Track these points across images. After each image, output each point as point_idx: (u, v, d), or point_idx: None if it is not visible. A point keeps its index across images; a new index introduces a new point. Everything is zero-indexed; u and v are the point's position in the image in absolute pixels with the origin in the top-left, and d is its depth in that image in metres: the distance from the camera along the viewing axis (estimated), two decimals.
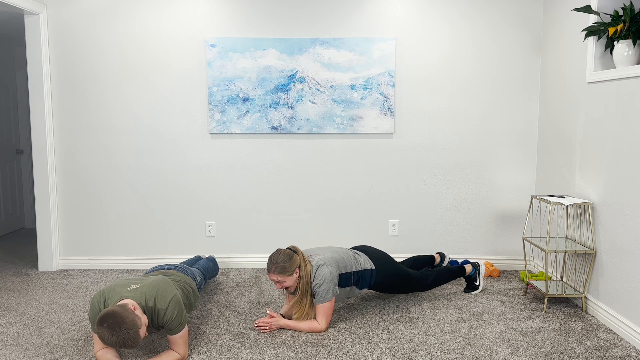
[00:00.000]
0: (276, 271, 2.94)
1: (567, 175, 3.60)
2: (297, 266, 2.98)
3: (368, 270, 3.19)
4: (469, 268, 3.63)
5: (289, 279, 2.96)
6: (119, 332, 2.29)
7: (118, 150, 4.20)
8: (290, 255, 2.99)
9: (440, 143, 4.16)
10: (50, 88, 4.14)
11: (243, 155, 4.20)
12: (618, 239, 3.01)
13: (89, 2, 4.09)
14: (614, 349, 2.79)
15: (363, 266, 3.18)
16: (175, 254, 4.28)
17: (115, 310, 2.35)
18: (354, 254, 3.21)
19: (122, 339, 2.30)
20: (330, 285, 2.97)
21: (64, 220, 4.27)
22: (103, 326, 2.31)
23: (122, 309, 2.37)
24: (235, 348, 2.81)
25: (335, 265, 3.03)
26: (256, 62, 4.07)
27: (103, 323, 2.31)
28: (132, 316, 2.35)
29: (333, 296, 3.01)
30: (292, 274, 2.96)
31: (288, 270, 2.94)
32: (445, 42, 4.07)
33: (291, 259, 2.97)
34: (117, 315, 2.32)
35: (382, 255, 3.32)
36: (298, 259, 3.00)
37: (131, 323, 2.33)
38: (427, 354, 2.74)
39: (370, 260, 3.23)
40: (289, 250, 3.04)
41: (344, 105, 4.10)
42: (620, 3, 3.16)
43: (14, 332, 3.04)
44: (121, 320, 2.31)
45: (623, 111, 2.96)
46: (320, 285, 2.96)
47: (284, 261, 2.95)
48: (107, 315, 2.32)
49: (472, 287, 3.65)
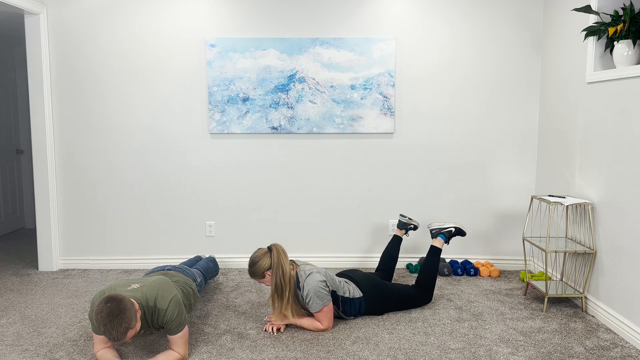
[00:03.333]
0: (251, 275, 3.03)
1: (567, 175, 3.60)
2: (265, 269, 2.97)
3: (357, 299, 3.16)
4: (439, 242, 3.45)
5: (262, 280, 3.02)
6: (114, 320, 2.28)
7: (118, 150, 4.20)
8: (260, 256, 3.00)
9: (440, 143, 4.16)
10: (50, 88, 4.14)
11: (243, 155, 4.20)
12: (618, 239, 3.01)
13: (89, 2, 4.09)
14: (614, 349, 2.79)
15: (352, 294, 3.15)
16: (175, 254, 4.28)
17: (124, 299, 2.35)
18: (344, 282, 3.17)
19: (112, 326, 2.29)
20: (320, 294, 2.95)
21: (64, 220, 4.28)
22: (105, 304, 2.31)
23: (129, 302, 2.37)
24: (235, 348, 2.81)
25: (323, 273, 3.02)
26: (256, 62, 4.07)
27: (107, 302, 2.31)
28: (132, 314, 2.36)
29: (328, 302, 2.98)
30: (263, 276, 3.00)
31: (258, 273, 2.99)
32: (445, 42, 4.07)
33: (259, 262, 2.98)
34: (122, 303, 2.33)
35: (369, 280, 3.26)
36: (266, 262, 2.98)
37: (128, 319, 2.33)
38: (427, 354, 2.74)
39: (358, 289, 3.19)
40: (264, 250, 3.03)
41: (344, 105, 4.10)
42: (620, 3, 3.16)
43: (14, 332, 3.04)
44: (123, 310, 2.31)
45: (623, 111, 2.96)
46: (308, 295, 2.95)
47: (253, 265, 3.00)
48: (114, 299, 2.33)
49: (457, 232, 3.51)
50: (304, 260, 4.17)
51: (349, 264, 4.27)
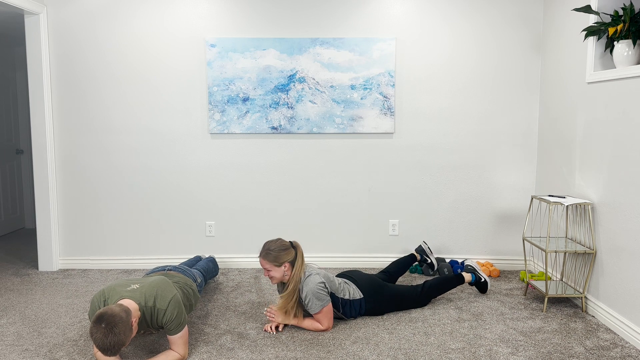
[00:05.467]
0: (266, 257, 2.92)
1: (567, 175, 3.60)
2: (288, 260, 2.94)
3: (357, 300, 3.16)
4: (468, 277, 3.55)
5: (276, 269, 2.94)
6: (105, 340, 2.24)
7: (118, 150, 4.20)
8: (286, 247, 2.96)
9: (440, 143, 4.16)
10: (50, 88, 4.14)
11: (243, 155, 4.20)
12: (618, 239, 3.01)
13: (89, 2, 4.09)
14: (614, 349, 2.79)
15: (352, 296, 3.14)
16: (175, 254, 4.28)
17: (116, 316, 2.29)
18: (344, 283, 3.16)
19: (106, 348, 2.26)
20: (319, 295, 2.95)
21: (64, 220, 4.28)
22: (99, 325, 2.25)
23: (123, 316, 2.32)
24: (235, 348, 2.81)
25: (322, 275, 3.02)
26: (256, 62, 4.07)
27: (100, 321, 2.26)
28: (126, 328, 2.31)
29: (327, 302, 2.98)
30: (280, 266, 2.93)
31: (278, 260, 2.92)
32: (445, 42, 4.07)
33: (285, 251, 2.94)
34: (114, 321, 2.27)
35: (370, 281, 3.26)
36: (292, 254, 2.96)
37: (122, 339, 2.28)
38: (427, 354, 2.74)
39: (358, 290, 3.19)
40: (288, 243, 3.01)
41: (344, 105, 4.10)
42: (620, 3, 3.16)
43: (14, 332, 3.04)
44: (116, 328, 2.26)
45: (623, 111, 2.96)
46: (307, 296, 2.95)
47: (277, 250, 2.93)
48: (106, 318, 2.28)
49: (482, 286, 3.60)
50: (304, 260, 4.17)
51: (349, 264, 4.27)
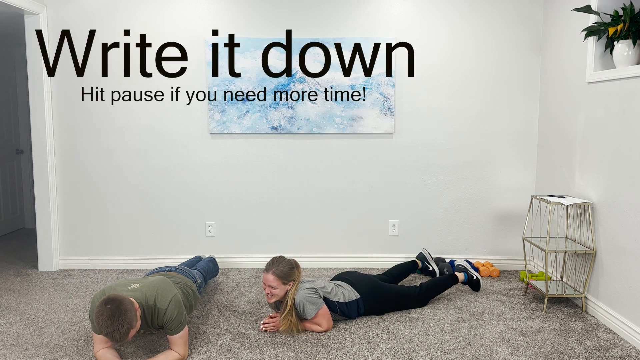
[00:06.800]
0: (276, 273, 2.90)
1: (567, 175, 3.60)
2: (293, 279, 2.97)
3: (354, 301, 3.15)
4: (460, 276, 3.62)
5: (281, 287, 2.93)
6: (115, 321, 2.28)
7: (118, 150, 4.20)
8: (293, 266, 2.99)
9: (440, 143, 4.16)
10: (50, 88, 4.14)
11: (243, 156, 4.20)
12: (618, 239, 3.01)
13: (89, 2, 4.09)
14: (614, 349, 2.79)
15: (347, 298, 3.13)
16: (175, 254, 4.28)
17: (124, 300, 2.36)
18: (336, 286, 3.14)
19: (114, 328, 2.29)
20: (311, 299, 2.95)
21: (64, 220, 4.27)
22: (105, 306, 2.31)
23: (129, 302, 2.38)
24: (235, 348, 2.81)
25: (308, 281, 3.03)
26: (256, 62, 4.07)
27: (107, 303, 2.32)
28: (132, 314, 2.36)
29: (321, 304, 2.98)
30: (286, 284, 2.94)
31: (287, 278, 2.93)
32: (445, 42, 4.07)
33: (292, 270, 2.97)
34: (122, 304, 2.33)
35: (367, 281, 3.27)
36: (297, 274, 2.99)
37: (129, 320, 2.33)
38: (427, 354, 2.74)
39: (354, 290, 3.18)
40: (293, 261, 3.03)
41: (344, 105, 4.10)
42: (620, 3, 3.16)
43: (14, 332, 3.04)
44: (124, 310, 2.32)
45: (623, 111, 2.96)
46: (301, 304, 2.95)
47: (287, 268, 2.94)
48: (114, 300, 2.33)
49: (475, 284, 3.65)
50: (304, 260, 4.17)
51: (348, 264, 4.27)
